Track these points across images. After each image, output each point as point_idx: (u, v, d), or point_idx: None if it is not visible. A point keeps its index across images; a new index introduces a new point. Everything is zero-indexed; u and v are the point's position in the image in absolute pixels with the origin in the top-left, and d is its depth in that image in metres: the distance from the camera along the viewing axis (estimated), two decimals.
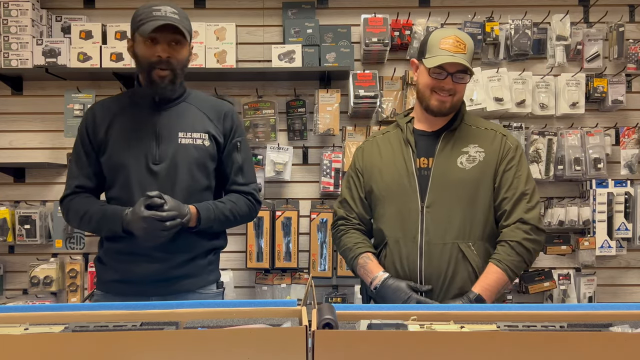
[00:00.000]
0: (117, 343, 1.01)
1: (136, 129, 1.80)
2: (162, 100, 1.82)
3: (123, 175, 1.78)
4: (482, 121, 1.94)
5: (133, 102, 1.85)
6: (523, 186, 1.80)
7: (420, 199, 1.81)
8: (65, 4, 3.05)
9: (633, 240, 2.96)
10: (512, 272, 1.76)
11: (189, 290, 1.81)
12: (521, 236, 1.76)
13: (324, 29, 2.99)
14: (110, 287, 1.82)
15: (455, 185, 1.79)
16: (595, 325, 1.15)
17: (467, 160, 1.82)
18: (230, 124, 1.89)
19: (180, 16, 1.73)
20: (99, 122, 1.83)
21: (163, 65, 1.73)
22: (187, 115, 1.84)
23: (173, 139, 1.79)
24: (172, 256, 1.78)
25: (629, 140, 2.99)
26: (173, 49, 1.74)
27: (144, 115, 1.82)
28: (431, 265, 1.78)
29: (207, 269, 1.87)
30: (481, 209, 1.81)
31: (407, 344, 1.00)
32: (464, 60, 1.76)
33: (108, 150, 1.80)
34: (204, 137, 1.82)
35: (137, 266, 1.77)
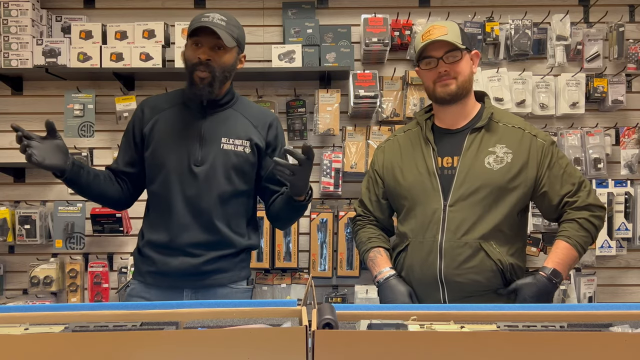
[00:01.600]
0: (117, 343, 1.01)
1: (182, 129, 1.88)
2: (210, 104, 1.88)
3: (164, 172, 1.85)
4: (510, 117, 1.90)
5: (182, 103, 1.93)
6: (574, 177, 1.81)
7: (443, 197, 1.78)
8: (65, 4, 3.06)
9: (633, 240, 2.96)
10: (580, 247, 1.77)
11: (221, 285, 1.88)
12: (587, 214, 1.78)
13: (324, 29, 2.99)
14: (147, 277, 1.89)
15: (481, 185, 1.76)
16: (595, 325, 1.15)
17: (494, 161, 1.79)
18: (275, 134, 1.96)
19: (227, 23, 1.81)
20: (147, 119, 1.91)
21: (202, 67, 1.80)
22: (232, 121, 1.91)
23: (216, 143, 1.86)
24: (206, 252, 1.85)
25: (629, 140, 2.99)
26: (215, 53, 1.80)
27: (191, 116, 1.89)
28: (451, 265, 1.75)
29: (239, 266, 1.93)
30: (506, 211, 1.77)
31: (407, 344, 1.00)
32: (445, 37, 1.74)
33: (152, 146, 1.88)
34: (245, 144, 1.89)
35: (174, 259, 1.84)
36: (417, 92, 2.95)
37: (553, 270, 1.73)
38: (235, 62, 1.88)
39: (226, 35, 1.77)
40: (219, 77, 1.82)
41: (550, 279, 1.72)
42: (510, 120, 1.87)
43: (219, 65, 1.81)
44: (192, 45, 1.82)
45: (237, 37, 1.83)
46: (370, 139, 2.96)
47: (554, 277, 1.72)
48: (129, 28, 2.91)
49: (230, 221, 1.87)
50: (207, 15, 1.80)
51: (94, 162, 3.02)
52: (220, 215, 1.85)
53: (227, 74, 1.86)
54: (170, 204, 1.84)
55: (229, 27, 1.81)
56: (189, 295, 1.86)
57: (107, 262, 3.00)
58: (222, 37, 1.76)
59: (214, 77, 1.81)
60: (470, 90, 1.86)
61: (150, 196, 1.92)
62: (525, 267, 1.90)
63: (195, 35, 1.79)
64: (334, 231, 2.96)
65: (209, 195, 1.82)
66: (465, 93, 1.82)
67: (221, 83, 1.84)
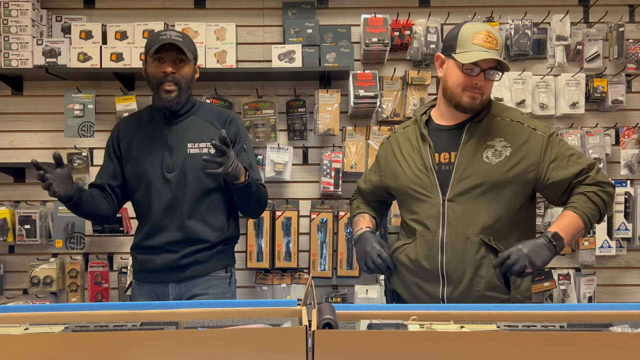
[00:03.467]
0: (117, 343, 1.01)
1: (152, 142, 2.07)
2: (173, 115, 2.07)
3: (144, 182, 2.05)
4: (508, 111, 1.88)
5: (150, 118, 2.12)
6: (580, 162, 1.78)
7: (442, 193, 1.78)
8: (65, 4, 3.05)
9: (633, 240, 2.96)
10: (587, 219, 1.74)
11: (199, 275, 2.05)
12: (596, 189, 1.76)
13: (324, 29, 2.99)
14: (140, 276, 2.11)
15: (480, 179, 1.76)
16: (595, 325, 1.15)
17: (493, 155, 1.77)
18: (235, 130, 2.11)
19: (184, 39, 2.01)
20: (122, 137, 2.12)
21: (169, 79, 1.99)
22: (195, 127, 2.08)
23: (183, 149, 2.04)
24: (182, 248, 2.03)
25: (629, 140, 2.99)
26: (177, 66, 2.00)
27: (159, 129, 2.08)
28: (453, 259, 1.75)
29: (216, 257, 2.08)
30: (506, 205, 1.77)
31: (407, 344, 1.00)
32: (498, 56, 1.73)
33: (131, 161, 2.09)
34: (209, 145, 2.00)
35: (157, 257, 2.04)
36: (417, 92, 2.95)
37: (554, 234, 1.70)
38: (194, 73, 2.09)
39: (186, 50, 1.98)
40: (184, 88, 2.02)
41: (550, 240, 1.69)
42: (509, 114, 1.85)
43: (183, 77, 2.01)
44: (153, 62, 2.00)
45: (193, 51, 2.05)
46: (370, 139, 2.96)
47: (553, 240, 1.69)
48: (129, 28, 2.91)
49: (206, 218, 2.05)
50: (165, 33, 2.00)
51: (94, 162, 3.02)
52: (193, 214, 2.03)
53: (190, 84, 2.06)
54: (149, 210, 2.04)
55: (185, 42, 2.00)
56: (174, 287, 2.04)
57: (107, 262, 3.00)
58: (184, 50, 1.96)
59: (180, 88, 2.01)
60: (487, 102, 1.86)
61: (135, 205, 2.14)
62: None
63: (157, 53, 1.97)
64: (334, 231, 2.96)
65: (182, 198, 2.01)
66: (483, 107, 1.83)
67: (186, 93, 2.04)
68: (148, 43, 2.02)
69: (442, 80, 1.84)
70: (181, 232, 2.03)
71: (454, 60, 1.76)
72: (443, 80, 1.83)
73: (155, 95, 2.04)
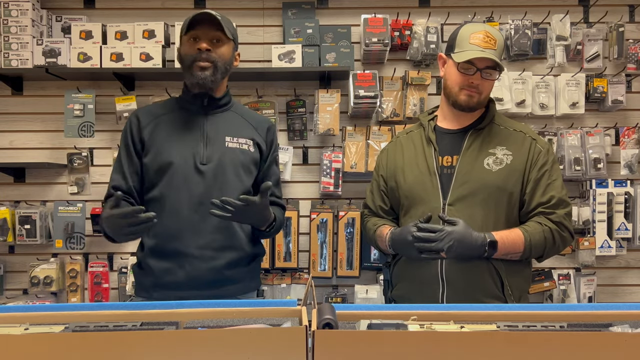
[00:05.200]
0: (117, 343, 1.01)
1: (183, 130, 1.83)
2: (211, 104, 1.86)
3: (169, 173, 1.77)
4: (511, 122, 1.90)
5: (180, 107, 1.89)
6: (558, 192, 1.78)
7: (443, 196, 1.78)
8: (65, 4, 3.05)
9: (633, 240, 2.96)
10: (529, 245, 1.73)
11: (231, 296, 1.78)
12: (555, 228, 1.75)
13: (324, 29, 2.99)
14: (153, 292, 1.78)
15: (480, 185, 1.76)
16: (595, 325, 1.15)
17: (493, 162, 1.79)
18: (272, 138, 1.97)
19: (222, 18, 1.81)
20: (144, 124, 1.85)
21: (204, 56, 1.77)
22: (234, 122, 1.89)
23: (220, 141, 1.83)
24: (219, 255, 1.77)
25: (629, 140, 2.99)
26: (214, 45, 1.80)
27: (192, 117, 1.85)
28: (452, 265, 1.75)
29: (250, 275, 1.88)
30: (504, 214, 1.78)
31: (407, 344, 1.00)
32: (494, 56, 1.73)
33: (153, 150, 1.81)
34: (249, 143, 1.88)
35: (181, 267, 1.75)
36: (417, 92, 2.95)
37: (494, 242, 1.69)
38: (232, 58, 1.88)
39: (224, 26, 1.78)
40: (220, 68, 1.80)
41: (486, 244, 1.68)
42: (512, 125, 1.88)
43: (219, 56, 1.80)
44: (189, 40, 1.80)
45: (232, 32, 1.84)
46: (370, 139, 2.96)
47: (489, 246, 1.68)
48: (129, 28, 2.91)
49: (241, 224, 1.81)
50: (202, 11, 1.80)
51: (94, 162, 3.02)
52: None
53: (227, 66, 1.84)
54: (176, 206, 1.75)
55: (224, 21, 1.81)
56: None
57: (107, 262, 3.00)
58: (223, 26, 1.77)
59: (215, 67, 1.79)
60: (486, 102, 1.87)
61: (151, 203, 1.81)
62: (530, 269, 1.90)
63: (192, 29, 1.78)
64: (334, 231, 2.96)
65: (218, 194, 1.70)
66: (481, 106, 1.84)
67: (222, 75, 1.83)
68: (184, 24, 1.82)
69: (443, 79, 1.86)
70: (219, 234, 1.76)
71: (452, 60, 1.79)
72: (444, 80, 1.86)
73: (187, 75, 1.81)
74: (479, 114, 1.87)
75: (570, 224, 1.79)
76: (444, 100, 1.88)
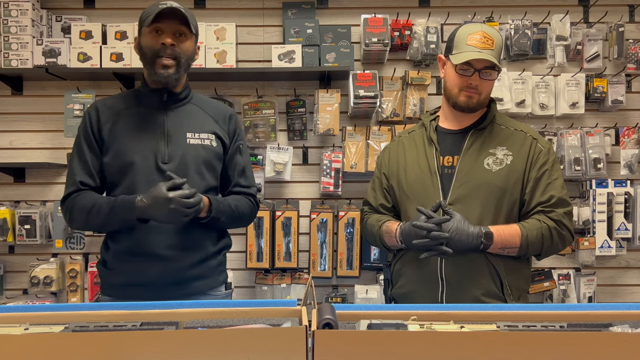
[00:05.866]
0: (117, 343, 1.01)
1: (143, 127, 1.78)
2: (171, 99, 1.82)
3: (130, 174, 1.74)
4: (512, 122, 1.90)
5: (139, 101, 1.84)
6: (558, 191, 1.78)
7: (443, 196, 1.79)
8: (65, 4, 3.05)
9: (633, 240, 2.96)
10: (526, 242, 1.73)
11: (200, 292, 1.79)
12: (554, 225, 1.75)
13: (324, 29, 2.99)
14: (119, 291, 1.77)
15: (480, 186, 1.77)
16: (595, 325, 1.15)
17: (493, 162, 1.79)
18: (234, 127, 1.92)
19: (186, 10, 1.75)
20: (104, 120, 1.80)
21: (168, 52, 1.73)
22: (194, 116, 1.85)
23: (182, 138, 1.79)
24: (184, 255, 1.76)
25: (629, 140, 2.99)
26: (178, 40, 1.75)
27: (151, 114, 1.81)
28: (452, 264, 1.76)
29: (217, 270, 1.88)
30: (504, 213, 1.78)
31: (407, 344, 1.00)
32: (491, 56, 1.73)
33: (113, 149, 1.77)
34: (211, 137, 1.84)
35: (149, 267, 1.74)
36: (417, 92, 2.95)
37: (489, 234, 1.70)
38: (194, 52, 1.84)
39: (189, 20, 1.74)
40: (183, 64, 1.77)
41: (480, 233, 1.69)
42: (513, 124, 1.88)
43: (183, 52, 1.76)
44: (151, 32, 1.74)
45: (195, 26, 1.79)
46: (370, 139, 2.96)
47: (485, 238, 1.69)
48: (129, 28, 2.91)
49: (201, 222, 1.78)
50: (165, 3, 1.73)
51: None
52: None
53: (189, 62, 1.81)
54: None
55: (188, 13, 1.75)
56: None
57: None
58: (189, 21, 1.73)
59: (179, 63, 1.75)
60: (487, 103, 1.87)
61: None
62: (530, 269, 1.90)
63: (157, 22, 1.72)
64: (334, 231, 2.96)
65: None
66: (482, 106, 1.84)
67: (184, 71, 1.79)
68: (145, 14, 1.76)
69: (443, 81, 1.87)
70: (183, 235, 1.75)
71: (451, 62, 1.79)
72: (443, 81, 1.87)
73: (149, 71, 1.76)
74: (480, 114, 1.87)
75: (570, 223, 1.79)
76: (445, 101, 1.89)
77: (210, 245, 1.84)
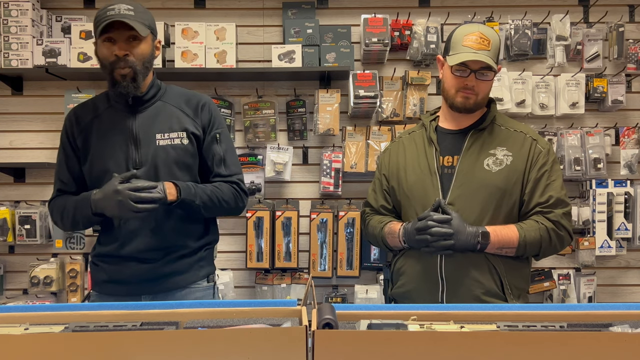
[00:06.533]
0: (117, 343, 1.01)
1: (114, 133, 1.81)
2: (137, 101, 1.81)
3: (105, 181, 1.74)
4: (512, 122, 1.90)
5: (108, 106, 1.86)
6: (557, 192, 1.78)
7: (443, 196, 1.79)
8: (65, 4, 3.05)
9: (633, 240, 2.96)
10: (523, 242, 1.73)
11: (179, 287, 1.84)
12: (552, 226, 1.75)
13: (324, 29, 2.99)
14: (103, 287, 1.87)
15: (479, 186, 1.77)
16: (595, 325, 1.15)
17: (493, 163, 1.79)
18: (208, 116, 1.87)
19: (135, 11, 1.72)
20: (78, 130, 1.85)
21: (122, 64, 1.73)
22: (164, 114, 1.83)
23: (151, 141, 1.80)
24: (159, 255, 1.80)
25: (629, 140, 2.99)
26: (130, 46, 1.73)
27: (121, 118, 1.82)
28: (452, 263, 1.76)
29: (197, 265, 1.88)
30: (504, 214, 1.78)
31: (407, 344, 1.00)
32: (487, 57, 1.73)
33: (89, 158, 1.82)
34: (182, 135, 1.82)
35: (126, 268, 1.81)
36: (417, 92, 2.95)
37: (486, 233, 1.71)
38: (153, 51, 1.81)
39: (139, 25, 1.70)
40: (141, 71, 1.76)
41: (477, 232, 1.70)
42: (513, 125, 1.89)
43: (138, 58, 1.74)
44: (104, 42, 1.73)
45: (149, 25, 1.76)
46: (370, 139, 2.96)
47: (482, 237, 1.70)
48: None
49: (184, 219, 1.80)
50: (112, 8, 1.70)
51: None
52: (169, 216, 1.78)
53: (148, 64, 1.79)
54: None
55: (138, 15, 1.72)
56: (148, 300, 1.77)
57: None
58: (135, 28, 1.69)
59: (135, 72, 1.74)
60: (485, 103, 1.87)
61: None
62: (529, 269, 1.90)
63: (106, 32, 1.70)
64: (334, 231, 2.96)
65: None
66: (480, 107, 1.84)
67: (144, 76, 1.78)
68: (96, 21, 1.72)
69: (441, 81, 1.88)
70: (157, 237, 1.78)
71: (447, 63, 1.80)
72: (442, 82, 1.88)
73: (109, 82, 1.77)
74: (479, 115, 1.87)
75: (568, 224, 1.79)
76: (444, 102, 1.89)
77: (190, 242, 1.85)
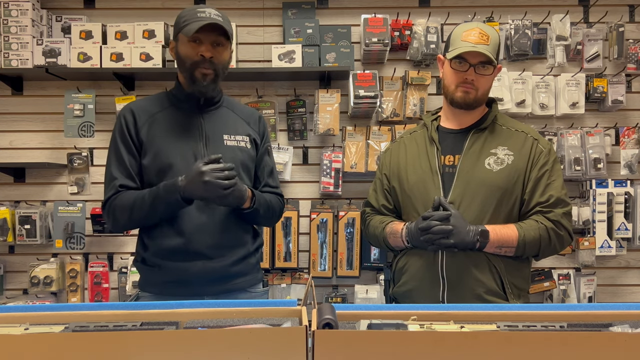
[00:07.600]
0: (117, 343, 1.01)
1: (181, 130, 1.82)
2: (207, 102, 1.86)
3: (169, 175, 1.75)
4: (514, 122, 1.91)
5: (174, 104, 1.87)
6: (557, 191, 1.78)
7: (444, 195, 1.79)
8: (66, 4, 3.05)
9: (633, 240, 2.96)
10: (523, 242, 1.73)
11: (242, 289, 1.85)
12: (551, 226, 1.75)
13: (324, 29, 2.99)
14: (164, 288, 1.80)
15: (480, 185, 1.77)
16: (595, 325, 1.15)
17: (494, 162, 1.79)
18: (263, 129, 1.98)
19: (223, 18, 1.79)
20: (141, 123, 1.82)
21: (206, 64, 1.77)
22: (228, 119, 1.90)
23: (219, 140, 1.84)
24: (227, 253, 1.80)
25: (629, 140, 2.99)
26: (216, 50, 1.79)
27: (188, 117, 1.85)
28: (453, 262, 1.76)
29: (256, 268, 1.92)
30: (504, 213, 1.78)
31: (407, 344, 1.00)
32: (486, 50, 1.73)
33: (152, 151, 1.79)
34: (245, 139, 1.89)
35: (193, 266, 1.77)
36: (417, 92, 2.95)
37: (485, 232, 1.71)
38: (230, 59, 1.89)
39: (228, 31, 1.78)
40: (221, 75, 1.82)
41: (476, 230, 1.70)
42: (514, 125, 1.89)
43: (220, 62, 1.81)
44: (189, 42, 1.77)
45: (231, 33, 1.82)
46: (370, 139, 2.96)
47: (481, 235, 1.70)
48: (129, 28, 2.91)
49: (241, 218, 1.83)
50: (202, 10, 1.77)
51: (94, 162, 3.02)
52: (234, 214, 1.80)
53: (226, 70, 1.86)
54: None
55: (225, 22, 1.79)
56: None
57: (107, 262, 3.00)
58: (228, 33, 1.76)
59: (217, 74, 1.80)
60: (485, 100, 1.87)
61: None
62: (529, 269, 1.90)
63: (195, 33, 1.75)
64: (334, 231, 2.96)
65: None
66: (480, 103, 1.84)
67: (220, 80, 1.84)
68: (183, 19, 1.78)
69: (442, 80, 1.88)
70: (225, 234, 1.78)
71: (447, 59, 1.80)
72: (442, 80, 1.88)
73: (187, 80, 1.81)
74: (480, 114, 1.87)
75: (568, 224, 1.79)
76: (445, 101, 1.90)
77: (250, 243, 1.88)
